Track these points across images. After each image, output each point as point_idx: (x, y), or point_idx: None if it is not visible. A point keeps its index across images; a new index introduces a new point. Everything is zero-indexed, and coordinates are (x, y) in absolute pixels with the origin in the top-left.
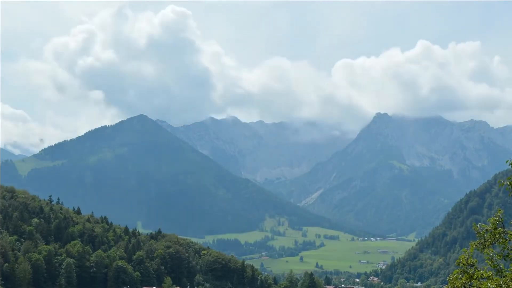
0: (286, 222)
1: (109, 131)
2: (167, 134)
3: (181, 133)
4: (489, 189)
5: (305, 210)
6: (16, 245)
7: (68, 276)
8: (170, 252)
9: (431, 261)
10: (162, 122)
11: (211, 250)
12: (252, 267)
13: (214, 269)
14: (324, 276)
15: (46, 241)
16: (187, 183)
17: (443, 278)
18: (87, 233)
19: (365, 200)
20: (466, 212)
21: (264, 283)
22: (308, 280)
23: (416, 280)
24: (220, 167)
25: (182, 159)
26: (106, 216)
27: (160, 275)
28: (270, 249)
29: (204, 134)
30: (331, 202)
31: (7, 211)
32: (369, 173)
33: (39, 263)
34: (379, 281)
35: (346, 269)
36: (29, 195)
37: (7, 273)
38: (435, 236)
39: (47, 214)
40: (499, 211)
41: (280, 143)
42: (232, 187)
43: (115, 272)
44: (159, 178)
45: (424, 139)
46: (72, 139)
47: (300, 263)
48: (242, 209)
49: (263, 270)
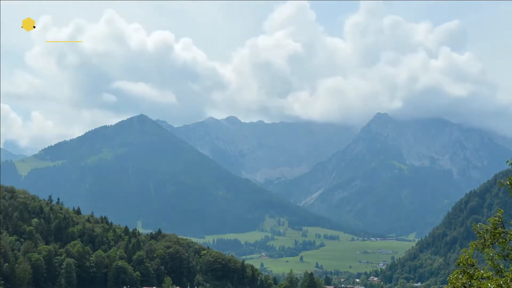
0: (286, 222)
1: (109, 131)
2: (167, 134)
3: (181, 133)
4: (489, 189)
5: (305, 210)
6: (16, 245)
7: (68, 276)
8: (170, 252)
9: (431, 261)
10: (162, 122)
11: (211, 250)
12: (252, 267)
13: (214, 269)
14: (324, 276)
15: (46, 241)
16: (187, 183)
17: (443, 278)
18: (87, 233)
19: (365, 200)
20: (466, 212)
21: (264, 283)
22: (308, 280)
23: (416, 280)
24: (220, 167)
25: (182, 159)
26: (106, 216)
27: (160, 275)
28: (270, 249)
29: (204, 134)
30: (331, 202)
31: (7, 211)
32: (369, 173)
33: (39, 263)
34: (379, 281)
35: (346, 269)
36: (29, 195)
37: (7, 273)
38: (435, 236)
39: (47, 214)
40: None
41: (280, 143)
42: (232, 187)
43: (115, 272)
44: (159, 178)
45: (424, 139)
46: (72, 139)
47: (300, 263)
48: (242, 209)
49: (263, 270)
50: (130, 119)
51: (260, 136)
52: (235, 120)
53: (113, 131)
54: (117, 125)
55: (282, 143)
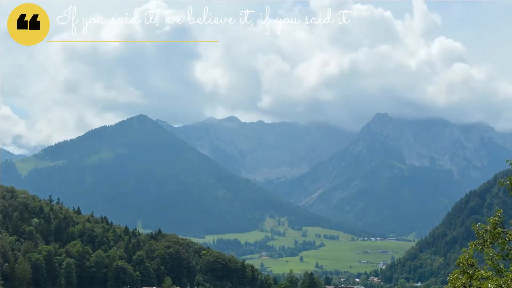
0: (286, 222)
1: (109, 131)
2: (167, 134)
3: (181, 133)
4: (489, 189)
5: (305, 210)
6: (16, 245)
7: (68, 276)
8: (170, 252)
9: (431, 261)
10: (162, 122)
11: (211, 250)
12: (252, 267)
13: (214, 269)
14: (324, 276)
15: (46, 241)
16: (187, 183)
17: (443, 278)
18: (87, 233)
19: (365, 200)
20: (466, 212)
21: (264, 283)
22: (308, 280)
23: (416, 280)
24: (220, 167)
25: (182, 159)
26: (106, 216)
27: (160, 275)
28: (270, 249)
29: (204, 134)
30: (331, 202)
31: (7, 211)
32: (369, 173)
33: (39, 263)
34: (379, 281)
35: (346, 269)
36: (29, 195)
37: (7, 273)
38: (435, 236)
39: (47, 214)
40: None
41: (280, 143)
42: (232, 187)
43: (115, 272)
44: (159, 178)
45: (424, 139)
46: (72, 139)
47: (300, 263)
48: (242, 209)
49: (263, 270)
50: (130, 119)
51: (260, 136)
52: (235, 120)
53: (113, 131)
54: (117, 125)
55: (282, 143)
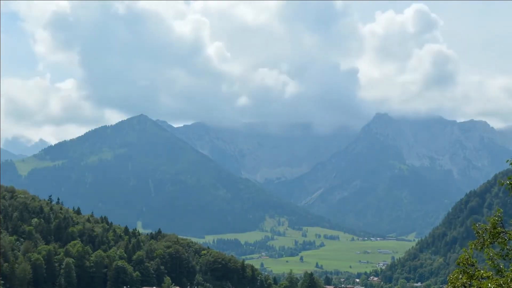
0: (286, 222)
1: (109, 131)
2: (167, 134)
3: (181, 133)
4: (489, 189)
5: (305, 210)
6: (16, 245)
7: (68, 276)
8: (170, 252)
9: (431, 261)
10: (162, 122)
11: (211, 250)
12: (252, 267)
13: (214, 269)
14: (324, 276)
15: (46, 241)
16: (187, 183)
17: (443, 278)
18: (87, 233)
19: (365, 200)
20: (466, 212)
21: (264, 283)
22: (308, 280)
23: (416, 280)
24: (220, 167)
25: (182, 159)
26: (106, 216)
27: (160, 275)
28: (270, 249)
29: (204, 134)
30: (331, 202)
31: (7, 211)
32: (369, 173)
33: (38, 263)
34: (379, 281)
35: (346, 269)
36: (29, 195)
37: (6, 273)
38: (435, 236)
39: (47, 214)
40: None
41: (280, 143)
42: (232, 187)
43: (115, 272)
44: (159, 178)
45: (424, 139)
46: (72, 139)
47: (300, 263)
48: (242, 209)
49: (263, 270)
50: (130, 119)
51: (260, 136)
52: (236, 120)
53: (113, 131)
54: (117, 125)
55: (282, 143)
